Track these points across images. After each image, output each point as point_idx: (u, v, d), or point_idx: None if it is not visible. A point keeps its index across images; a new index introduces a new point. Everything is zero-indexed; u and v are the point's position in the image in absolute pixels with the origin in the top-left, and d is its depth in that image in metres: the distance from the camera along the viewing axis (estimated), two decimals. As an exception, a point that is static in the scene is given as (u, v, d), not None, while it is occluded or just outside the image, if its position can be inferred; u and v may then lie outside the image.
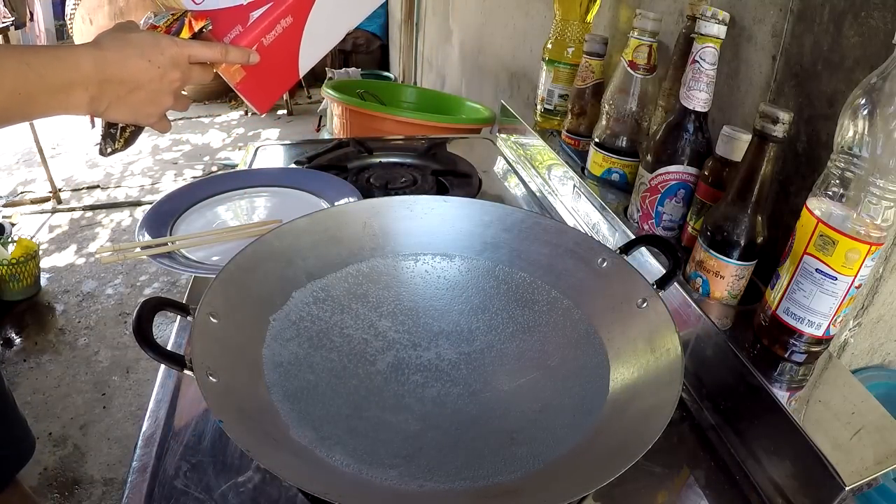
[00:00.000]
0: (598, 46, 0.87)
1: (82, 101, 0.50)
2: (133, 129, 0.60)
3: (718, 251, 0.56)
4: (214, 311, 0.46)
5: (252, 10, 0.60)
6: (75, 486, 1.37)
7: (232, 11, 0.61)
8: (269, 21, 0.59)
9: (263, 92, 0.66)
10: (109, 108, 0.52)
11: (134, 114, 0.54)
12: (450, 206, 0.63)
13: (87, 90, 0.49)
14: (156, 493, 0.45)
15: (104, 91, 0.50)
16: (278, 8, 0.60)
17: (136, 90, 0.52)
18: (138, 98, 0.53)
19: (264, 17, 0.59)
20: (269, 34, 0.60)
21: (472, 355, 0.53)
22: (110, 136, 0.59)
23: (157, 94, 0.54)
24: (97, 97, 0.50)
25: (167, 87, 0.54)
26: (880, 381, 0.63)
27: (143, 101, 0.53)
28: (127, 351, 1.78)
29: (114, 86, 0.51)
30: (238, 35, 0.59)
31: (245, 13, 0.60)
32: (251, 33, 0.59)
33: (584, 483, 0.38)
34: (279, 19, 0.60)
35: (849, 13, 0.54)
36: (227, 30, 0.60)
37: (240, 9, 0.60)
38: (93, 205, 2.63)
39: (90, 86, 0.49)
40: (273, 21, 0.60)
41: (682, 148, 0.66)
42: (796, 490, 0.46)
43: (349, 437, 0.44)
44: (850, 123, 0.44)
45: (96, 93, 0.50)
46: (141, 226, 0.73)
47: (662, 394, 0.43)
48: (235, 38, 0.59)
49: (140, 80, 0.52)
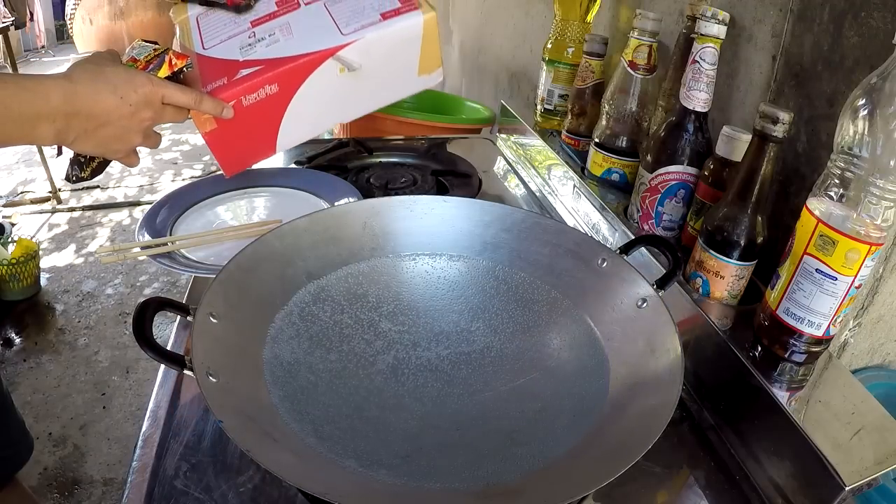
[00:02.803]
0: (598, 46, 0.87)
1: (48, 134, 0.49)
2: (100, 160, 0.60)
3: (718, 251, 0.56)
4: (214, 311, 0.46)
5: (243, 67, 0.59)
6: (75, 486, 1.37)
7: (224, 63, 0.60)
8: (254, 82, 0.58)
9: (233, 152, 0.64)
10: (76, 141, 0.51)
11: (101, 148, 0.54)
12: (450, 206, 0.63)
13: (53, 123, 0.48)
14: (156, 493, 0.45)
15: (71, 124, 0.49)
16: (267, 73, 0.59)
17: (104, 126, 0.51)
18: (106, 133, 0.52)
19: (251, 76, 0.58)
20: (250, 95, 0.59)
21: (472, 355, 0.53)
22: (78, 163, 0.59)
23: (126, 131, 0.53)
24: (63, 130, 0.49)
25: (136, 125, 0.53)
26: (880, 381, 0.63)
27: (111, 138, 0.53)
28: (127, 351, 1.78)
29: (81, 120, 0.50)
30: (220, 87, 0.58)
31: (235, 68, 0.59)
32: (233, 88, 0.58)
33: (584, 483, 0.38)
34: (265, 84, 0.59)
35: (849, 13, 0.54)
36: (213, 79, 0.59)
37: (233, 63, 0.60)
38: (92, 204, 2.63)
39: (57, 118, 0.48)
40: (258, 83, 0.59)
41: (682, 148, 0.66)
42: (796, 490, 0.46)
43: (349, 436, 0.44)
44: (850, 123, 0.44)
45: (63, 126, 0.49)
46: (141, 226, 0.73)
47: (662, 394, 0.43)
48: (216, 90, 0.58)
49: (110, 117, 0.51)
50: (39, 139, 0.49)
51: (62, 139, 0.51)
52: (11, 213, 2.50)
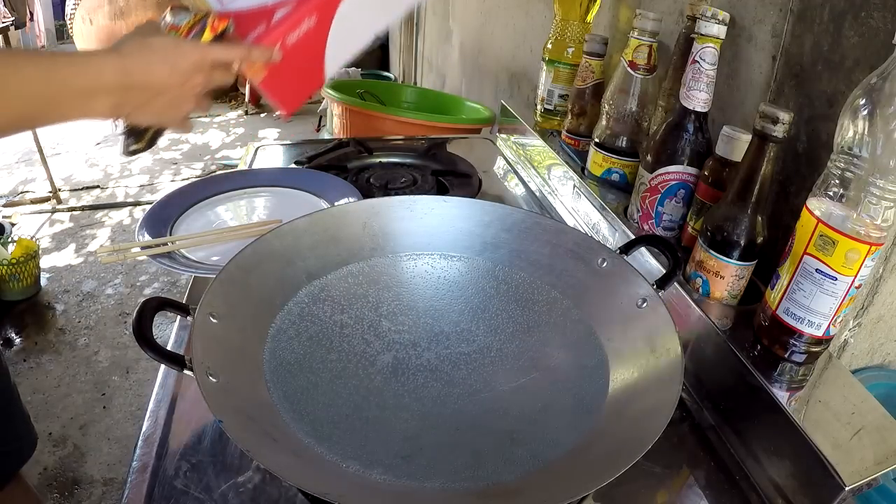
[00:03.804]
0: (598, 46, 0.87)
1: (105, 107, 0.49)
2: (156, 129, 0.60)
3: (718, 251, 0.56)
4: (214, 311, 0.46)
5: (276, 9, 0.60)
6: (75, 486, 1.37)
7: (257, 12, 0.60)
8: (292, 20, 0.59)
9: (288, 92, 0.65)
10: (132, 113, 0.52)
11: (157, 118, 0.54)
12: (450, 206, 0.63)
13: (109, 97, 0.49)
14: (156, 493, 0.45)
15: (127, 98, 0.50)
16: (302, 7, 0.59)
17: (158, 96, 0.52)
18: (161, 103, 0.53)
19: (288, 16, 0.59)
20: (293, 32, 0.59)
21: (472, 355, 0.53)
22: (134, 133, 0.59)
23: (179, 99, 0.53)
24: (120, 104, 0.50)
25: (189, 92, 0.54)
26: (880, 381, 0.63)
27: (166, 107, 0.53)
28: (127, 351, 1.78)
29: (136, 93, 0.50)
30: (262, 34, 0.59)
31: (269, 13, 0.60)
32: (274, 32, 0.58)
33: (584, 483, 0.38)
34: (303, 17, 0.59)
35: (849, 13, 0.54)
36: (251, 29, 0.59)
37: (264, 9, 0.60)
38: (92, 204, 2.63)
39: (113, 93, 0.49)
40: (297, 20, 0.59)
41: (682, 148, 0.66)
42: (796, 490, 0.46)
43: (349, 436, 0.44)
44: (850, 124, 0.44)
45: (119, 100, 0.50)
46: (141, 226, 0.73)
47: (662, 394, 0.43)
48: (258, 37, 0.58)
49: (163, 87, 0.51)
50: (96, 113, 0.49)
51: (118, 112, 0.51)
52: (11, 213, 2.50)
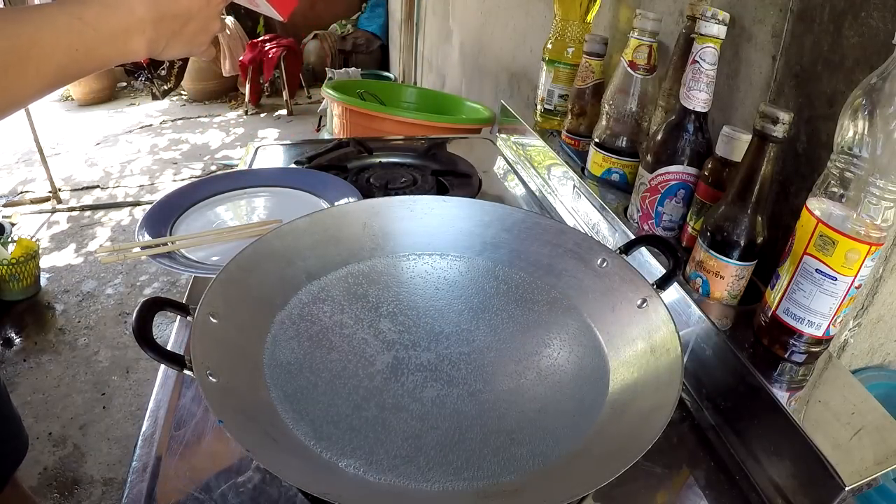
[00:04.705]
0: (598, 46, 0.87)
1: (141, 46, 0.49)
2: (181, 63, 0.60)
3: (718, 251, 0.56)
4: (214, 311, 0.46)
5: None
6: (75, 486, 1.37)
7: None
8: None
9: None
10: (167, 46, 0.52)
11: (189, 45, 0.54)
12: (450, 206, 0.63)
13: (144, 33, 0.49)
14: (156, 493, 0.46)
15: (160, 30, 0.50)
16: None
17: (189, 22, 0.52)
18: (192, 29, 0.53)
19: None
20: None
21: (472, 355, 0.53)
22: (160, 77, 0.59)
23: (207, 20, 0.54)
24: (155, 39, 0.50)
25: (214, 10, 0.54)
26: (880, 381, 0.63)
27: (197, 31, 0.54)
28: (127, 351, 1.78)
29: (168, 22, 0.50)
30: None
31: None
32: None
33: (584, 483, 0.38)
34: None
35: (849, 13, 0.54)
36: None
37: None
38: (92, 204, 2.63)
39: (146, 28, 0.49)
40: None
41: (682, 148, 0.66)
42: (796, 490, 0.46)
43: (349, 436, 0.44)
44: (850, 124, 0.44)
45: (153, 34, 0.49)
46: (141, 225, 0.73)
47: (662, 394, 0.43)
48: None
49: (191, 10, 0.52)
50: (133, 53, 0.49)
51: (154, 49, 0.51)
52: (11, 213, 2.50)
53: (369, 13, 4.16)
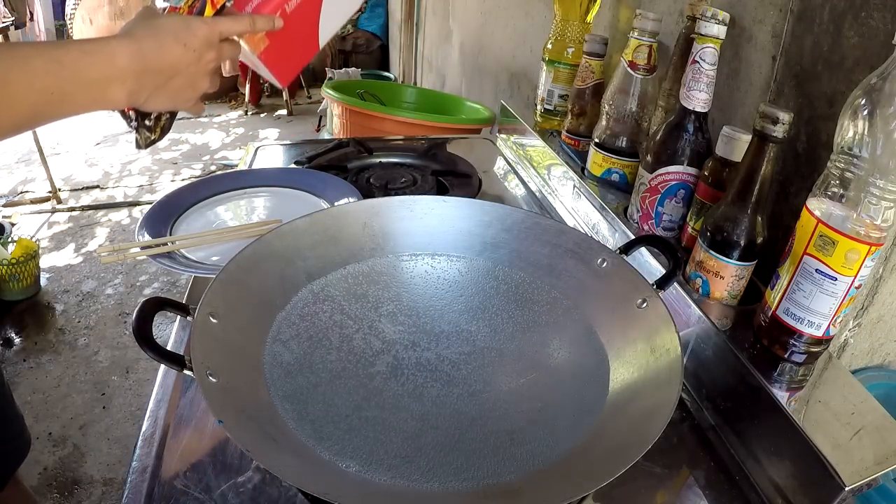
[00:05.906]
0: (598, 46, 0.87)
1: (120, 96, 0.48)
2: (168, 115, 0.60)
3: (718, 251, 0.56)
4: (214, 311, 0.46)
5: None
6: (75, 486, 1.37)
7: None
8: None
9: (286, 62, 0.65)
10: (149, 99, 0.51)
11: (173, 101, 0.53)
12: (450, 206, 0.63)
13: (124, 83, 0.48)
14: (156, 493, 0.45)
15: (143, 82, 0.49)
16: None
17: (174, 77, 0.51)
18: (177, 85, 0.52)
19: None
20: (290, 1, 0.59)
21: (472, 355, 0.53)
22: (146, 127, 0.58)
23: (194, 77, 0.53)
24: (136, 90, 0.49)
25: (203, 69, 0.53)
26: (880, 381, 0.63)
27: (183, 87, 0.52)
28: (127, 351, 1.78)
29: (152, 76, 0.49)
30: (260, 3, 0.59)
31: None
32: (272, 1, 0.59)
33: (584, 483, 0.38)
34: None
35: (849, 13, 0.54)
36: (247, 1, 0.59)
37: None
38: (92, 204, 2.63)
39: (128, 78, 0.48)
40: None
41: (682, 148, 0.66)
42: (796, 490, 0.46)
43: (349, 437, 0.44)
44: (850, 124, 0.44)
45: (135, 86, 0.48)
46: (141, 226, 0.73)
47: (662, 394, 0.43)
48: (258, 6, 0.58)
49: (178, 67, 0.50)
50: (112, 103, 0.48)
51: (135, 100, 0.50)
52: (11, 213, 2.50)
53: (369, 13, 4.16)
